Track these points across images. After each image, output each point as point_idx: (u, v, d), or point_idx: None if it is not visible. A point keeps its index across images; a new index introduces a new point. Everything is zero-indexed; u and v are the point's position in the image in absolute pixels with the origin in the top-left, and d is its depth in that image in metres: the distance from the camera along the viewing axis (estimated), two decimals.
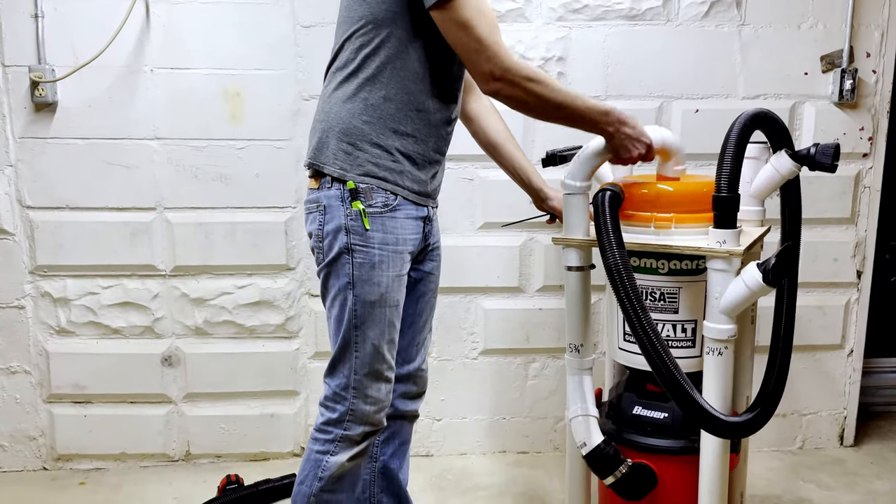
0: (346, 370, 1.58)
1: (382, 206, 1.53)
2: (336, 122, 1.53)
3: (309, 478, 1.61)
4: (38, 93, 2.38)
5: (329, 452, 1.60)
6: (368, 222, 1.51)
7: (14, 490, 2.49)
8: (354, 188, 1.51)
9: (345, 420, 1.59)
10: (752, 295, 1.51)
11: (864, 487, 2.46)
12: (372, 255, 1.53)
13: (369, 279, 1.53)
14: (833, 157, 1.63)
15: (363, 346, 1.56)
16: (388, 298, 1.56)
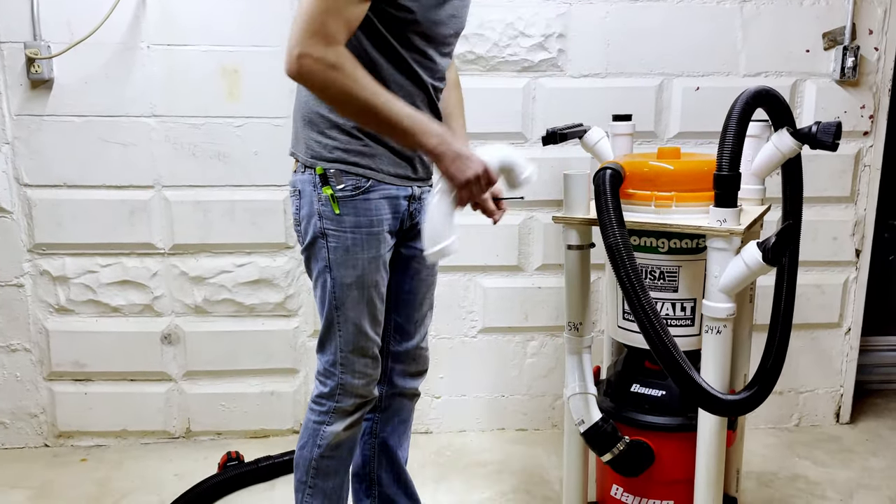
0: (332, 348, 1.63)
1: (353, 189, 1.54)
2: (304, 110, 1.55)
3: (309, 444, 1.69)
4: (33, 70, 2.36)
5: (325, 423, 1.66)
6: (338, 207, 1.53)
7: (16, 467, 2.51)
8: (323, 173, 1.53)
9: (336, 394, 1.65)
10: (751, 274, 1.51)
11: (859, 464, 2.48)
12: (345, 239, 1.55)
13: (344, 262, 1.56)
14: (834, 135, 1.62)
15: (345, 325, 1.60)
16: (365, 280, 1.57)
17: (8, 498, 2.31)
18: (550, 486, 2.35)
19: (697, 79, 2.51)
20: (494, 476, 2.42)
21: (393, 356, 1.82)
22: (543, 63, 2.48)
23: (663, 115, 2.53)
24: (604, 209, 1.54)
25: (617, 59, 2.48)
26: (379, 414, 1.85)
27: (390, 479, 1.90)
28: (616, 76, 2.49)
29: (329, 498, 1.72)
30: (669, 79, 2.51)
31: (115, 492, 2.34)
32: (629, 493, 1.81)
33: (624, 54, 2.48)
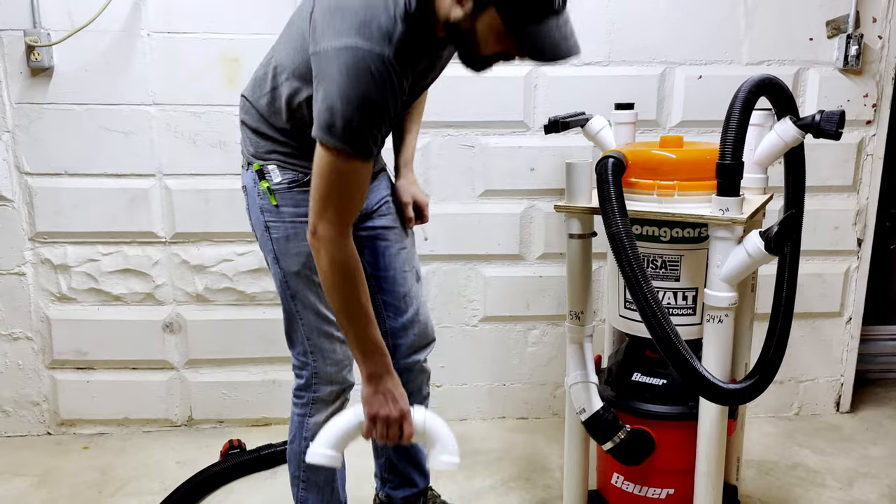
0: (299, 337, 1.67)
1: (290, 182, 1.59)
2: (244, 112, 1.65)
3: (297, 437, 1.72)
4: (33, 57, 2.35)
5: (307, 414, 1.69)
6: (276, 199, 1.59)
7: (19, 454, 2.52)
8: (260, 169, 1.60)
9: (312, 383, 1.67)
10: (753, 263, 1.51)
11: (858, 453, 2.49)
12: (286, 229, 1.60)
13: (287, 251, 1.60)
14: (838, 124, 1.61)
15: (305, 313, 1.64)
16: (311, 265, 1.56)
17: (11, 485, 2.32)
18: (551, 475, 2.36)
19: (700, 67, 2.49)
20: (495, 464, 2.43)
21: (392, 333, 1.84)
22: None
23: (666, 103, 2.52)
24: (606, 198, 1.53)
25: (619, 47, 2.47)
26: None
27: (395, 448, 1.95)
28: (618, 64, 2.48)
29: (322, 490, 1.75)
30: (672, 67, 2.49)
31: (118, 479, 2.35)
32: (630, 482, 1.82)
33: (626, 42, 2.47)
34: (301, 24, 1.46)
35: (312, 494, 1.75)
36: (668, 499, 1.79)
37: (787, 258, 1.73)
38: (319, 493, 1.75)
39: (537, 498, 2.23)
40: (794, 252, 1.73)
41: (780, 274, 1.74)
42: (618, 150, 1.65)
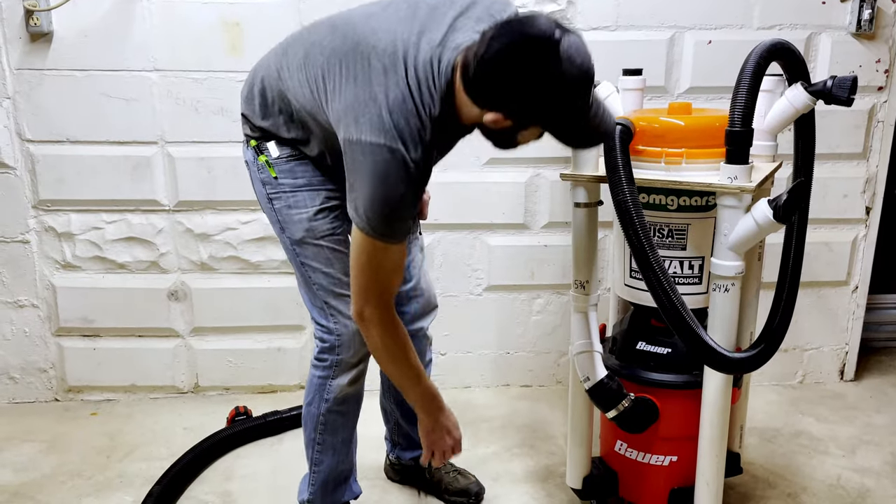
0: (316, 301, 1.68)
1: (288, 156, 1.62)
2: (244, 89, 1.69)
3: (316, 399, 1.73)
4: (32, 22, 2.31)
5: (330, 377, 1.70)
6: (275, 171, 1.62)
7: (27, 420, 2.54)
8: (257, 145, 1.64)
9: (336, 346, 1.68)
10: (761, 231, 1.50)
11: (862, 421, 2.50)
12: (287, 199, 1.63)
13: (291, 220, 1.63)
14: (850, 90, 1.58)
15: (316, 276, 1.65)
16: (316, 231, 1.63)
17: (20, 450, 2.35)
18: (555, 441, 2.38)
19: (710, 31, 2.45)
20: (499, 431, 2.45)
21: (396, 301, 1.81)
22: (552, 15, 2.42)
23: (674, 69, 2.48)
24: (613, 166, 1.51)
25: (628, 11, 2.42)
26: None
27: (402, 412, 2.01)
28: (626, 29, 2.43)
29: (338, 452, 1.78)
30: (681, 32, 2.45)
31: (126, 445, 2.38)
32: (633, 449, 1.83)
33: (635, 6, 2.42)
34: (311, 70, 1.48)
35: (328, 457, 1.78)
36: (671, 466, 1.81)
37: (795, 227, 1.71)
38: (335, 455, 1.78)
39: (541, 465, 2.25)
40: (801, 221, 1.72)
41: (787, 243, 1.73)
42: (625, 118, 1.62)
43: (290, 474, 2.20)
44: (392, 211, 1.39)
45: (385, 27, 1.40)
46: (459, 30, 1.39)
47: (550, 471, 2.21)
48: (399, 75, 1.35)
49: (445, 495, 2.06)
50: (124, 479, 2.19)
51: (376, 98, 1.35)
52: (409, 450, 2.08)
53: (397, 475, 2.15)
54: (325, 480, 1.80)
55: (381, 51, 1.37)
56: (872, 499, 2.07)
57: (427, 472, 2.08)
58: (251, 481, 2.18)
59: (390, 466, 2.16)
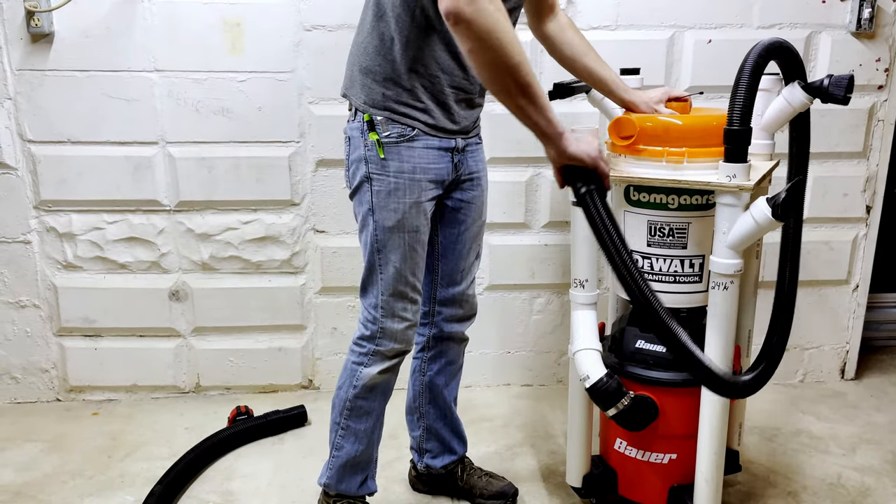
0: (374, 291, 1.69)
1: (398, 136, 1.60)
2: (363, 58, 1.60)
3: (346, 385, 1.76)
4: (33, 23, 2.32)
5: (363, 364, 1.73)
6: (384, 151, 1.60)
7: (29, 420, 2.55)
8: (370, 120, 1.59)
9: (376, 336, 1.71)
10: (759, 230, 1.50)
11: (863, 419, 2.50)
12: (388, 183, 1.61)
13: (386, 205, 1.62)
14: (846, 89, 1.58)
15: (386, 268, 1.66)
16: (405, 224, 1.63)
17: (22, 450, 2.36)
18: (555, 440, 2.38)
19: (710, 31, 2.45)
20: (500, 430, 2.45)
21: (440, 301, 1.90)
22: None
23: (674, 68, 2.48)
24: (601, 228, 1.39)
25: (628, 10, 2.43)
26: (426, 354, 1.96)
27: (436, 415, 2.01)
28: (626, 28, 2.44)
29: (360, 440, 1.80)
30: (681, 31, 2.45)
31: (128, 444, 2.38)
32: (633, 447, 1.83)
33: (635, 6, 2.43)
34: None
35: (348, 443, 1.80)
36: (671, 464, 1.81)
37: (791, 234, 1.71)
38: (356, 442, 1.79)
39: (541, 463, 2.25)
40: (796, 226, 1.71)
41: (784, 253, 1.72)
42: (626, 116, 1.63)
43: (291, 473, 2.21)
44: None
45: None
46: None
47: (551, 470, 2.22)
48: None
49: (480, 500, 2.03)
50: (126, 478, 2.20)
51: None
52: (440, 456, 2.05)
53: (426, 486, 2.11)
54: (342, 465, 1.82)
55: None
56: (873, 497, 2.07)
57: (459, 479, 2.05)
58: (252, 481, 2.18)
59: (417, 478, 2.11)
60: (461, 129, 1.68)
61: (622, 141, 1.66)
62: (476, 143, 1.79)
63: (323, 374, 2.72)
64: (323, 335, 2.68)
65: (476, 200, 1.83)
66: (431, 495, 2.10)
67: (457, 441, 2.06)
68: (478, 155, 1.80)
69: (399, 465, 2.21)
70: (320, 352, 2.70)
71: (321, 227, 2.57)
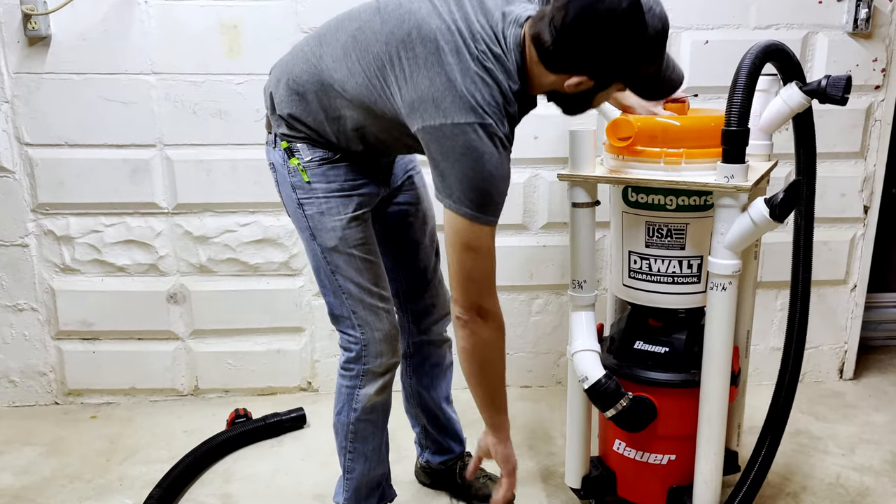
0: (345, 312, 1.65)
1: (320, 159, 1.56)
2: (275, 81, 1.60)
3: (345, 409, 1.73)
4: (30, 26, 2.32)
5: (357, 386, 1.70)
6: (308, 175, 1.56)
7: (27, 424, 2.55)
8: (288, 146, 1.57)
9: (362, 356, 1.67)
10: (757, 230, 1.50)
11: (861, 419, 2.50)
12: (319, 205, 1.58)
13: (323, 227, 1.58)
14: (844, 89, 1.58)
15: (347, 286, 1.62)
16: (347, 240, 1.59)
17: (21, 453, 2.35)
18: (554, 442, 2.38)
19: (707, 31, 2.45)
20: None
21: (412, 310, 1.89)
22: None
23: None
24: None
25: None
26: (409, 361, 1.97)
27: (427, 418, 2.04)
28: None
29: (370, 460, 1.78)
30: (678, 32, 2.45)
31: (126, 447, 2.38)
32: (632, 448, 1.83)
33: None
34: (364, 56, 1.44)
35: (359, 464, 1.77)
36: (670, 465, 1.81)
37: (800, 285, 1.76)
38: (367, 462, 1.78)
39: (541, 465, 2.25)
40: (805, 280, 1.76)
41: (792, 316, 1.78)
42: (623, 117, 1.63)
43: (289, 476, 2.21)
44: (493, 186, 1.37)
45: (439, 8, 1.38)
46: (513, 3, 1.40)
47: (550, 471, 2.22)
48: (472, 54, 1.34)
49: (475, 501, 2.05)
50: (124, 481, 2.20)
51: (454, 80, 1.32)
52: (439, 454, 2.08)
53: (428, 478, 2.14)
54: (357, 487, 1.79)
55: (445, 31, 1.34)
56: (872, 497, 2.07)
57: (458, 476, 2.07)
58: (251, 483, 2.18)
59: (421, 470, 2.16)
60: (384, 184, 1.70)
61: (620, 142, 1.66)
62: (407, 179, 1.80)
63: (322, 376, 2.72)
64: (321, 337, 2.68)
65: (415, 199, 1.81)
66: (433, 489, 2.14)
67: (452, 441, 2.08)
68: (404, 157, 1.78)
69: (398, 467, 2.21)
70: (319, 354, 2.70)
71: None
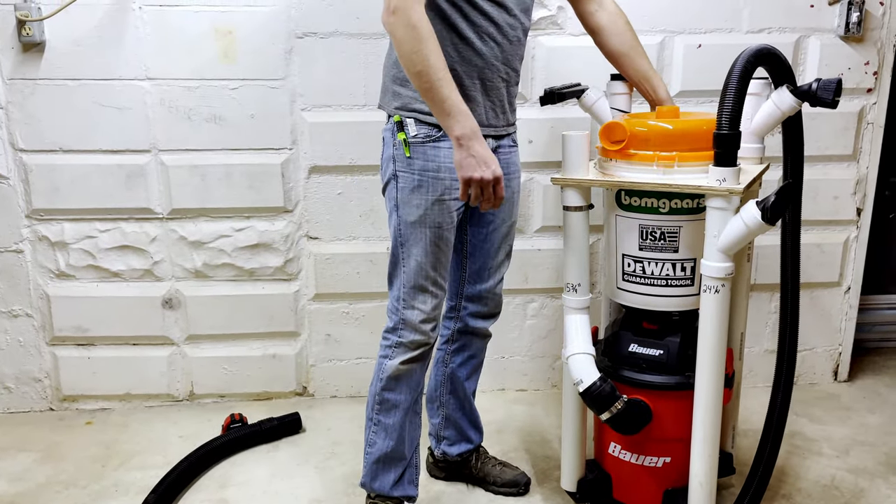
0: (397, 283, 1.77)
1: (424, 136, 1.68)
2: (392, 66, 1.71)
3: (374, 379, 1.84)
4: (25, 32, 2.32)
5: (387, 357, 1.80)
6: (409, 150, 1.68)
7: (22, 430, 2.54)
8: (400, 121, 1.69)
9: (398, 328, 1.78)
10: (749, 233, 1.51)
11: (856, 421, 2.51)
12: (412, 180, 1.69)
13: (409, 202, 1.70)
14: (834, 92, 1.59)
15: (408, 262, 1.74)
16: (427, 220, 1.70)
17: (16, 460, 2.35)
18: (550, 445, 2.38)
19: (699, 36, 2.46)
20: (495, 435, 2.45)
21: (466, 297, 1.98)
22: (543, 21, 2.44)
23: (665, 73, 2.49)
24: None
25: None
26: (450, 346, 2.05)
27: (456, 405, 2.10)
28: None
29: (390, 435, 1.84)
30: (671, 36, 2.46)
31: (122, 453, 2.37)
32: (627, 451, 1.84)
33: (625, 10, 2.41)
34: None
35: (380, 439, 1.84)
36: (665, 467, 1.81)
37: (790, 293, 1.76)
38: (387, 438, 1.83)
39: (537, 468, 2.25)
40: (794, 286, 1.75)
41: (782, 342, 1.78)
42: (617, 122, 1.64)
43: (285, 481, 2.21)
44: None
45: None
46: None
47: (546, 474, 2.22)
48: None
49: (494, 487, 2.12)
50: (120, 487, 2.19)
51: None
52: (456, 444, 2.13)
53: (442, 472, 2.19)
54: (375, 461, 1.86)
55: None
56: (866, 499, 2.08)
57: (473, 466, 2.14)
58: (247, 488, 2.18)
59: (434, 464, 2.20)
60: (490, 125, 1.73)
61: (613, 145, 1.67)
62: (509, 145, 1.85)
63: (317, 381, 2.72)
64: (317, 342, 2.68)
65: (505, 202, 1.84)
66: (447, 481, 2.17)
67: (473, 431, 2.15)
68: (509, 158, 1.85)
69: None
70: (314, 359, 2.70)
71: (314, 234, 2.57)
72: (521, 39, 1.75)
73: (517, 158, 1.90)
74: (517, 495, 2.10)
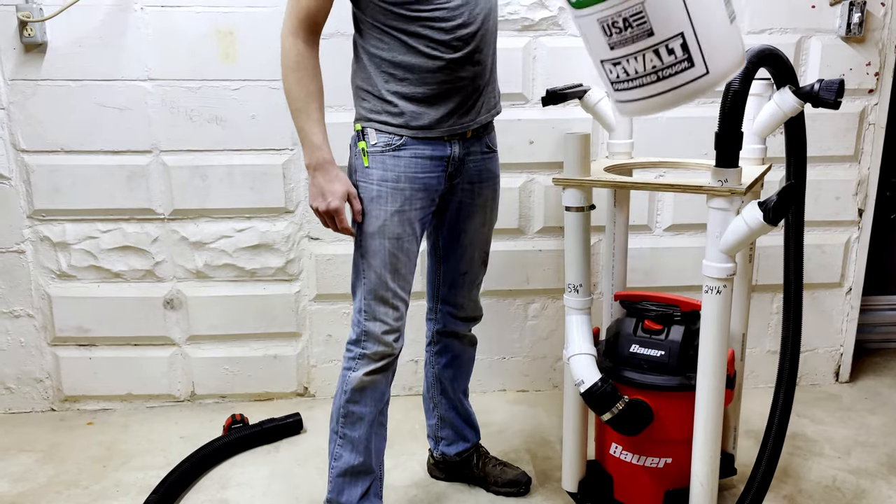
0: (359, 294, 1.76)
1: (384, 145, 1.67)
2: (352, 78, 1.74)
3: (339, 392, 1.81)
4: (26, 33, 2.32)
5: (351, 368, 1.78)
6: (368, 160, 1.68)
7: (23, 430, 2.54)
8: (361, 130, 1.70)
9: (361, 340, 1.76)
10: (752, 234, 1.51)
11: (857, 422, 2.51)
12: (370, 190, 1.68)
13: (368, 212, 1.69)
14: (837, 93, 1.59)
15: (368, 272, 1.72)
16: (386, 231, 1.68)
17: (17, 460, 2.35)
18: (551, 446, 2.38)
19: None
20: (496, 436, 2.45)
21: (442, 300, 2.00)
22: (544, 21, 2.44)
23: None
24: None
25: None
26: (433, 347, 2.07)
27: (448, 405, 2.11)
28: None
29: (356, 449, 1.81)
30: None
31: (123, 454, 2.37)
32: (628, 452, 1.84)
33: None
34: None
35: (346, 452, 1.81)
36: (666, 468, 1.81)
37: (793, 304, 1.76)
38: (353, 451, 1.80)
39: (538, 469, 2.25)
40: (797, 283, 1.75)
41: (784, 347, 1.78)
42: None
43: (286, 482, 2.21)
44: None
45: None
46: None
47: (547, 475, 2.22)
48: None
49: (494, 487, 2.12)
50: (121, 488, 2.19)
51: None
52: (454, 444, 2.14)
53: (442, 472, 2.20)
54: (340, 474, 1.82)
55: None
56: (868, 500, 2.08)
57: (475, 466, 2.14)
58: (247, 489, 2.18)
59: (435, 465, 2.20)
60: (450, 126, 1.69)
61: None
62: (482, 152, 1.81)
63: (318, 381, 2.72)
64: (318, 342, 2.68)
65: (476, 210, 1.86)
66: (448, 482, 2.18)
67: (469, 429, 2.15)
68: (483, 164, 1.82)
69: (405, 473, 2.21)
70: (315, 359, 2.70)
71: (315, 235, 2.57)
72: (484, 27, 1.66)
73: (493, 165, 1.86)
74: (518, 496, 2.10)
